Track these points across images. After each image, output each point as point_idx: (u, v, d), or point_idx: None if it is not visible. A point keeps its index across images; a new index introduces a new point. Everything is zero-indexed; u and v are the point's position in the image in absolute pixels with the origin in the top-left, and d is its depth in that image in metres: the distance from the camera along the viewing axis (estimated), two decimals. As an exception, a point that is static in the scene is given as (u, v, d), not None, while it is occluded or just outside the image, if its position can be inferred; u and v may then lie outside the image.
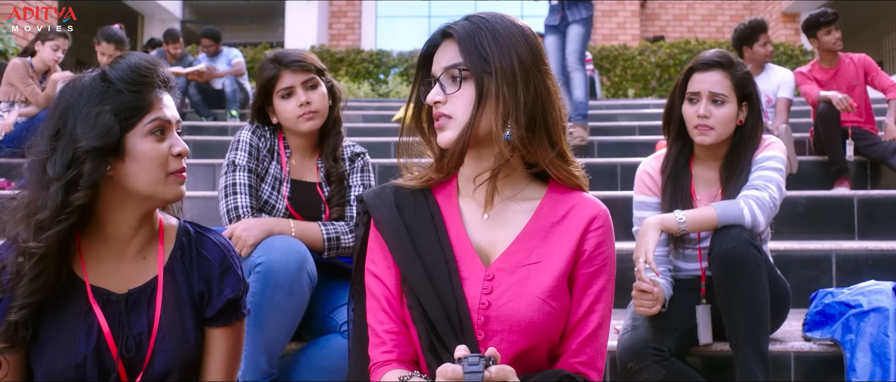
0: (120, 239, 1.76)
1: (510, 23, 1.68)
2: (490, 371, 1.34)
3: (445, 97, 1.63)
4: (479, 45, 1.61)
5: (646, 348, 2.48)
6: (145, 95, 1.70)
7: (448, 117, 1.63)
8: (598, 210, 1.70)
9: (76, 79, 1.74)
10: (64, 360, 1.68)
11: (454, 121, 1.63)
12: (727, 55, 2.75)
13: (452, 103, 1.62)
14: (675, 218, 2.52)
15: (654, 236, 2.47)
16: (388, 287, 1.70)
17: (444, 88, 1.63)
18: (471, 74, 1.61)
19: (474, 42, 1.62)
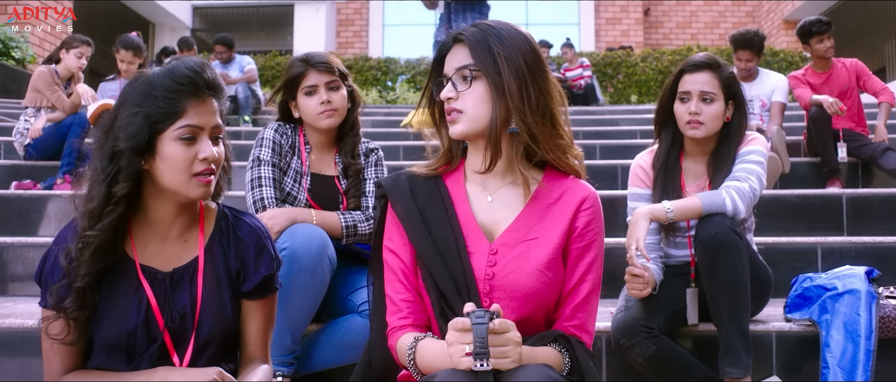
0: (163, 223, 1.98)
1: (514, 29, 1.93)
2: (493, 322, 1.58)
3: (457, 94, 1.87)
4: (488, 48, 1.86)
5: (637, 326, 2.71)
6: (179, 102, 1.87)
7: (459, 112, 1.87)
8: (589, 192, 1.95)
9: (137, 75, 1.95)
10: (117, 329, 1.90)
11: (465, 115, 1.87)
12: (715, 57, 2.99)
13: (463, 100, 1.87)
14: (663, 208, 2.76)
15: (644, 225, 2.71)
16: (404, 261, 1.94)
17: (455, 86, 1.87)
18: (481, 74, 1.86)
19: (484, 45, 1.87)
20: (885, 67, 16.26)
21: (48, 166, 6.16)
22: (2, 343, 2.97)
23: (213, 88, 1.94)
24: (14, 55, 10.89)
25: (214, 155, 1.91)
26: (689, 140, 3.00)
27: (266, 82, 13.79)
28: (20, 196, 5.14)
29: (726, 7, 20.22)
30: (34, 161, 6.25)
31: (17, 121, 6.67)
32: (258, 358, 2.06)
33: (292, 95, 3.09)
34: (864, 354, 2.71)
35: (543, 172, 1.98)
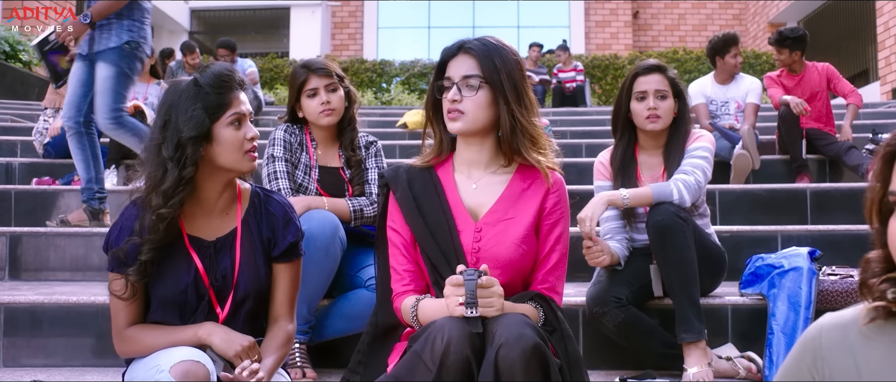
0: (209, 200, 2.40)
1: (510, 49, 2.40)
2: (481, 279, 1.99)
3: (462, 97, 2.29)
4: (493, 63, 2.31)
5: (607, 296, 3.13)
6: (226, 95, 2.32)
7: (461, 113, 2.30)
8: (556, 178, 2.39)
9: (176, 82, 2.38)
10: (172, 288, 2.32)
11: (465, 116, 2.30)
12: (660, 62, 3.43)
13: (466, 103, 2.29)
14: (620, 195, 3.19)
15: (600, 208, 3.15)
16: (405, 238, 2.37)
17: (460, 91, 2.28)
18: (486, 84, 2.29)
19: (489, 59, 2.31)
20: (868, 70, 16.62)
21: (66, 164, 6.53)
22: (53, 315, 3.38)
23: (242, 84, 2.40)
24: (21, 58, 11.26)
25: (257, 133, 2.37)
26: (645, 135, 3.42)
27: (264, 84, 14.19)
28: (44, 190, 5.54)
29: (714, 10, 20.66)
30: (52, 159, 6.62)
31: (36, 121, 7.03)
32: (284, 316, 2.46)
33: (297, 99, 3.51)
34: (804, 321, 3.13)
35: (517, 164, 2.41)
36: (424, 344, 1.97)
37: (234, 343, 2.23)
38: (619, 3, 19.71)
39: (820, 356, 1.42)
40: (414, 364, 1.98)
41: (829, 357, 1.41)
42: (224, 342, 2.22)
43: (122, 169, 6.29)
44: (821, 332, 1.44)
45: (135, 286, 2.29)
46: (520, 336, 1.92)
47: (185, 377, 1.99)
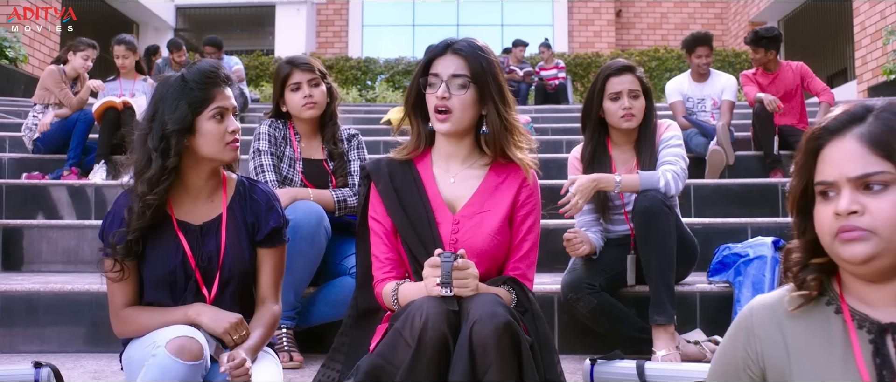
0: (195, 187, 2.55)
1: (491, 52, 2.54)
2: (457, 261, 2.14)
3: (450, 95, 2.43)
4: (480, 64, 2.46)
5: (581, 283, 3.28)
6: (210, 91, 2.46)
7: (448, 111, 2.43)
8: (530, 171, 2.52)
9: (166, 77, 2.54)
10: (161, 268, 2.47)
11: (452, 116, 2.45)
12: (630, 62, 3.59)
13: (454, 101, 2.44)
14: (613, 179, 3.36)
15: (590, 187, 3.33)
16: (386, 227, 2.51)
17: (448, 89, 2.42)
18: (473, 84, 2.45)
19: (477, 61, 2.47)
20: (847, 68, 16.84)
21: (55, 159, 6.65)
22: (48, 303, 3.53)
23: (227, 80, 2.55)
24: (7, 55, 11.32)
25: (238, 127, 2.51)
26: (617, 132, 3.57)
27: (250, 81, 14.29)
28: (35, 184, 5.65)
29: (696, 9, 20.84)
30: (42, 154, 6.73)
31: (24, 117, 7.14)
32: (270, 298, 2.62)
33: (281, 94, 3.66)
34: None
35: (493, 160, 2.55)
36: (404, 322, 2.11)
37: (222, 320, 2.39)
38: (602, 2, 19.85)
39: (752, 333, 1.60)
40: (395, 340, 2.12)
41: (760, 333, 1.59)
42: (212, 320, 2.38)
43: (110, 164, 6.40)
44: (752, 312, 1.64)
45: (126, 267, 2.44)
46: (492, 314, 2.07)
47: (180, 352, 2.13)
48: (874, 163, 1.46)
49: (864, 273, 1.49)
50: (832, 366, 1.51)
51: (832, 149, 1.51)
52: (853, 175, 1.46)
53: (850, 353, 1.50)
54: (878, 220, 1.44)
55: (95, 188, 5.59)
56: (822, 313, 1.56)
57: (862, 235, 1.44)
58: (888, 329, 1.48)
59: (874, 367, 1.47)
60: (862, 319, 1.51)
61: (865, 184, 1.46)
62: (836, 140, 1.50)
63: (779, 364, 1.56)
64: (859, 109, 1.52)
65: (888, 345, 1.47)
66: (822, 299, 1.56)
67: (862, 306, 1.53)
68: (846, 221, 1.45)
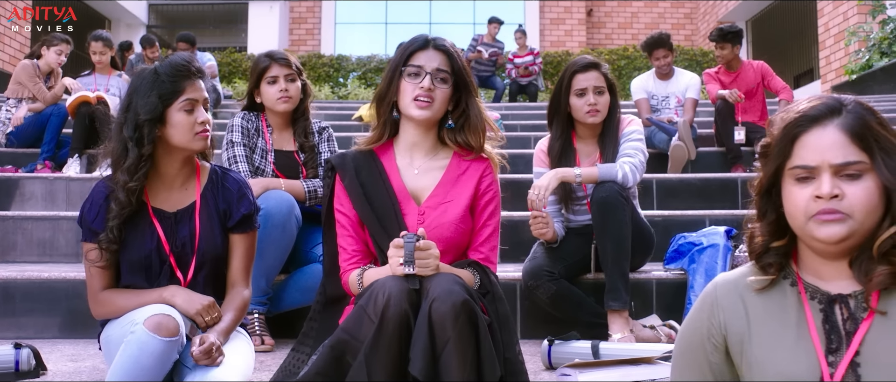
0: (169, 176, 2.68)
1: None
2: (419, 242, 2.27)
3: (434, 87, 2.57)
4: (458, 62, 2.63)
5: (541, 271, 3.43)
6: (179, 83, 2.59)
7: (431, 101, 2.57)
8: (488, 162, 2.67)
9: (141, 70, 2.67)
10: (137, 253, 2.59)
11: (433, 105, 2.58)
12: (597, 59, 3.72)
13: (437, 93, 2.58)
14: (573, 173, 3.50)
15: (553, 182, 3.46)
16: (352, 219, 2.63)
17: (432, 81, 2.57)
18: (452, 80, 2.61)
19: (455, 60, 2.64)
20: (813, 69, 17.11)
21: (28, 153, 6.71)
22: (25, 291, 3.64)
23: (199, 73, 2.68)
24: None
25: (208, 118, 2.64)
26: (583, 126, 3.70)
27: (223, 78, 14.33)
28: (9, 178, 5.71)
29: (665, 9, 21.06)
30: (15, 148, 6.79)
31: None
32: (240, 282, 2.75)
33: (257, 85, 3.78)
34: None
35: (453, 151, 2.69)
36: (368, 300, 2.24)
37: (195, 302, 2.51)
38: (573, 2, 20.01)
39: (717, 305, 1.77)
40: (359, 317, 2.24)
41: (724, 304, 1.76)
42: (186, 302, 2.50)
43: (84, 158, 6.47)
44: (716, 287, 1.81)
45: (107, 252, 2.55)
46: (450, 292, 2.20)
47: (158, 328, 2.25)
48: (854, 153, 1.62)
49: (834, 251, 1.66)
50: (787, 331, 1.69)
51: (813, 136, 1.65)
52: (836, 162, 1.61)
53: (803, 320, 1.68)
54: (855, 205, 1.60)
55: (69, 181, 5.67)
56: (780, 286, 1.74)
57: (839, 217, 1.60)
58: (837, 300, 1.67)
59: (823, 332, 1.65)
60: (814, 291, 1.70)
61: (843, 171, 1.62)
62: (818, 128, 1.65)
63: (740, 331, 1.73)
64: (834, 102, 1.67)
65: (836, 313, 1.66)
66: (780, 274, 1.75)
67: (815, 280, 1.71)
68: (827, 204, 1.60)
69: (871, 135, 1.63)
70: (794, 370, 1.65)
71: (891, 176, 1.61)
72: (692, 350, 1.81)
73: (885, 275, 1.61)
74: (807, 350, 1.66)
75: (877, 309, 1.62)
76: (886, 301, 1.62)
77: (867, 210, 1.61)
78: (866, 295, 1.63)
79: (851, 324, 1.65)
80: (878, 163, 1.62)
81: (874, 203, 1.61)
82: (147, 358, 2.23)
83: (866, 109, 1.67)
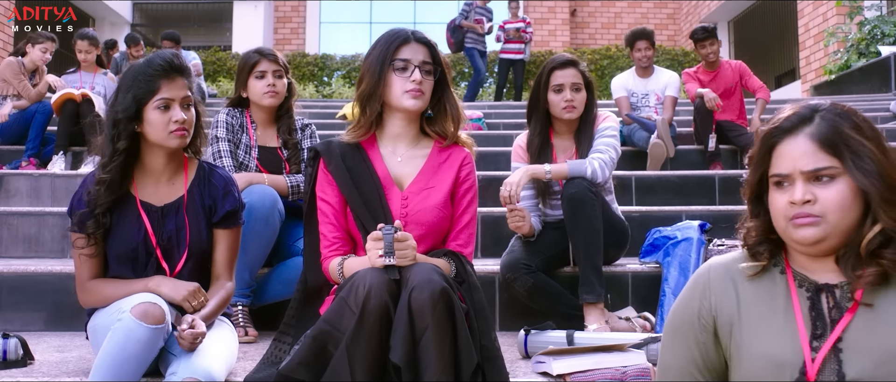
0: (156, 170, 2.76)
1: None
2: (397, 233, 2.35)
3: (423, 80, 2.66)
4: (439, 56, 2.74)
5: (518, 264, 3.51)
6: (155, 82, 2.65)
7: (422, 92, 2.67)
8: (467, 153, 2.78)
9: (132, 65, 2.74)
10: (124, 245, 2.67)
11: (423, 96, 2.68)
12: (573, 57, 3.80)
13: (425, 85, 2.68)
14: (543, 169, 3.59)
15: (524, 177, 3.55)
16: (334, 207, 2.71)
17: (422, 74, 2.66)
18: (436, 73, 2.71)
19: (437, 53, 2.75)
20: (795, 69, 17.27)
21: (12, 150, 6.74)
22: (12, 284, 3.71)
23: (180, 70, 2.72)
24: (-37, 47, 11.31)
25: (183, 117, 2.67)
26: (560, 122, 3.79)
27: (207, 76, 14.35)
28: (-4, 174, 5.76)
29: (649, 9, 21.19)
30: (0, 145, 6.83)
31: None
32: (224, 276, 2.82)
33: (244, 81, 3.85)
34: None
35: (434, 141, 2.79)
36: (349, 291, 2.31)
37: (181, 289, 2.59)
38: (556, 2, 20.10)
39: (709, 286, 1.88)
40: (341, 308, 2.32)
41: (716, 286, 1.87)
42: (172, 290, 2.58)
43: (69, 154, 6.51)
44: (710, 269, 1.92)
45: (95, 241, 2.64)
46: (429, 281, 2.28)
47: (144, 316, 2.31)
48: (823, 159, 1.72)
49: (811, 252, 1.78)
50: (775, 316, 1.80)
51: (787, 146, 1.77)
52: (806, 169, 1.73)
53: (790, 306, 1.79)
54: (827, 207, 1.71)
55: (54, 178, 5.71)
56: (770, 274, 1.85)
57: (814, 221, 1.71)
58: (823, 289, 1.78)
59: (809, 319, 1.76)
60: (802, 279, 1.81)
61: (816, 177, 1.73)
62: (790, 138, 1.77)
63: (729, 314, 1.84)
64: (807, 111, 1.79)
65: (822, 301, 1.77)
66: (771, 262, 1.86)
67: (803, 271, 1.82)
68: (801, 209, 1.72)
69: (842, 139, 1.73)
70: (779, 352, 1.76)
71: (862, 177, 1.70)
72: (682, 328, 1.91)
73: (874, 275, 1.71)
74: (792, 334, 1.76)
75: (861, 301, 1.73)
76: (871, 294, 1.73)
77: (840, 211, 1.71)
78: (852, 289, 1.74)
79: (836, 313, 1.75)
80: (849, 167, 1.71)
81: (847, 204, 1.72)
82: (133, 345, 2.30)
83: (840, 114, 1.77)
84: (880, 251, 1.70)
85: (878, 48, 11.77)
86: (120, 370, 2.29)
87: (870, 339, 1.68)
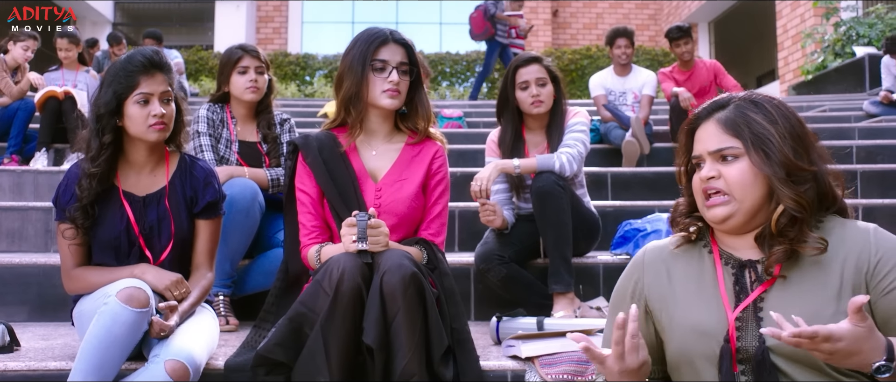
0: (138, 162, 2.86)
1: None
2: (371, 220, 2.45)
3: (400, 80, 2.78)
4: (415, 55, 2.86)
5: (492, 255, 3.62)
6: (134, 79, 2.74)
7: (399, 92, 2.79)
8: (440, 146, 2.91)
9: (112, 62, 2.81)
10: (108, 234, 2.76)
11: (400, 95, 2.81)
12: (537, 54, 3.94)
13: (401, 85, 2.80)
14: (512, 164, 3.70)
15: (494, 172, 3.67)
16: (312, 197, 2.82)
17: (399, 75, 2.78)
18: (412, 72, 2.84)
19: (413, 52, 2.87)
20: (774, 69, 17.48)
21: (-3, 146, 6.80)
22: None
23: (159, 66, 2.80)
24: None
25: (162, 112, 2.76)
26: (530, 118, 3.91)
27: (189, 75, 14.40)
28: (-23, 171, 5.81)
29: (630, 10, 21.36)
30: (-17, 143, 6.88)
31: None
32: (204, 265, 2.92)
33: (227, 76, 3.97)
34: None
35: (407, 135, 2.91)
36: (324, 275, 2.42)
37: (164, 277, 2.69)
38: (538, 2, 20.22)
39: (644, 268, 2.10)
40: (316, 291, 2.42)
41: (649, 268, 2.09)
42: (155, 278, 2.67)
43: (51, 151, 6.57)
44: (645, 253, 2.14)
45: (80, 229, 2.73)
46: (400, 266, 2.39)
47: (130, 300, 2.41)
48: (726, 140, 1.92)
49: (724, 229, 1.97)
50: (703, 290, 1.98)
51: (701, 131, 1.99)
52: (711, 149, 1.93)
53: (716, 281, 1.97)
54: (731, 182, 1.90)
55: (37, 174, 5.77)
56: (698, 252, 2.04)
57: (723, 200, 1.91)
58: (747, 265, 1.96)
59: (733, 293, 1.94)
60: (728, 257, 1.99)
61: (722, 156, 1.92)
62: (704, 123, 1.98)
63: (662, 292, 2.03)
64: (724, 99, 2.00)
65: (746, 277, 1.95)
66: (700, 242, 2.05)
67: (728, 248, 2.00)
68: (708, 184, 1.92)
69: (746, 123, 1.92)
70: (705, 322, 1.93)
71: (760, 160, 1.89)
72: (619, 305, 2.10)
73: (782, 252, 1.88)
74: (718, 305, 1.94)
75: (778, 275, 1.90)
76: (787, 267, 1.90)
77: (742, 188, 1.90)
78: (768, 265, 1.90)
79: (758, 285, 1.92)
80: (748, 148, 1.89)
81: (748, 181, 1.90)
82: (119, 328, 2.39)
83: (753, 102, 1.95)
84: (786, 230, 1.88)
85: (854, 49, 11.96)
86: (106, 352, 2.38)
87: (784, 307, 1.82)
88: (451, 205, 4.65)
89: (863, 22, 12.45)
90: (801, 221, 1.88)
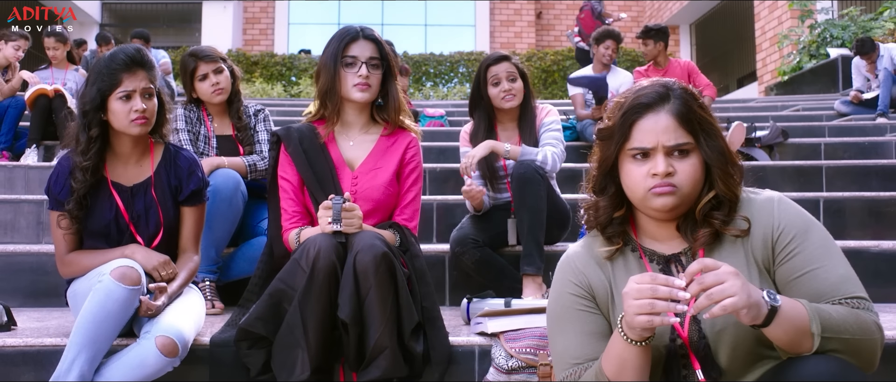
0: (124, 154, 3.03)
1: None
2: (346, 203, 2.64)
3: (369, 74, 2.97)
4: (386, 50, 3.06)
5: (467, 239, 3.81)
6: (117, 76, 2.90)
7: (369, 85, 2.98)
8: (413, 137, 3.11)
9: (97, 61, 3.00)
10: (98, 222, 2.94)
11: (371, 89, 3.00)
12: (505, 52, 4.15)
13: (372, 79, 3.00)
14: (503, 147, 3.94)
15: (483, 152, 3.89)
16: (293, 184, 3.02)
17: (368, 69, 2.97)
18: (383, 66, 3.03)
19: (384, 47, 3.06)
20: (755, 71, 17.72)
21: (-12, 145, 6.94)
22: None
23: (140, 64, 2.95)
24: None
25: (143, 107, 2.92)
26: (502, 113, 4.12)
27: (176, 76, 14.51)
28: (-31, 166, 5.96)
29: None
30: (-25, 141, 7.02)
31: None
32: (190, 249, 3.11)
33: (191, 84, 4.17)
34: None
35: (383, 126, 3.10)
36: (301, 253, 2.61)
37: (153, 258, 2.88)
38: (523, 4, 20.44)
39: (576, 270, 2.06)
40: (293, 268, 2.62)
41: (584, 270, 2.06)
42: (144, 258, 2.85)
43: (41, 148, 6.73)
44: (570, 258, 2.10)
45: (74, 217, 2.90)
46: (372, 246, 2.58)
47: (123, 278, 2.59)
48: (683, 135, 1.90)
49: (664, 217, 1.97)
50: None
51: (649, 121, 1.91)
52: (669, 144, 1.89)
53: None
54: (684, 179, 1.90)
55: (28, 169, 5.93)
56: (624, 254, 2.05)
57: (671, 190, 1.89)
58: (671, 259, 2.00)
59: None
60: (652, 254, 2.02)
61: (676, 151, 1.90)
62: (652, 114, 1.91)
63: (604, 292, 2.04)
64: (663, 89, 1.94)
65: (672, 271, 1.98)
66: (627, 246, 2.05)
67: (652, 243, 2.04)
68: (662, 180, 1.88)
69: (696, 118, 1.92)
70: None
71: (711, 153, 1.93)
72: (564, 312, 2.06)
73: (707, 236, 1.94)
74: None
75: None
76: (709, 253, 1.96)
77: (692, 183, 1.91)
78: (693, 252, 1.97)
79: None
80: (701, 143, 1.93)
81: (697, 176, 1.93)
82: (112, 304, 2.57)
83: (690, 95, 1.96)
84: (712, 213, 1.94)
85: (828, 50, 12.21)
86: (100, 326, 2.55)
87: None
88: (431, 198, 4.86)
89: (837, 24, 12.70)
90: (730, 203, 1.94)
